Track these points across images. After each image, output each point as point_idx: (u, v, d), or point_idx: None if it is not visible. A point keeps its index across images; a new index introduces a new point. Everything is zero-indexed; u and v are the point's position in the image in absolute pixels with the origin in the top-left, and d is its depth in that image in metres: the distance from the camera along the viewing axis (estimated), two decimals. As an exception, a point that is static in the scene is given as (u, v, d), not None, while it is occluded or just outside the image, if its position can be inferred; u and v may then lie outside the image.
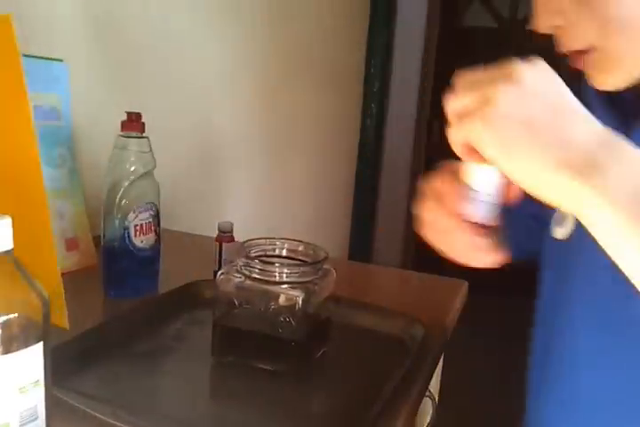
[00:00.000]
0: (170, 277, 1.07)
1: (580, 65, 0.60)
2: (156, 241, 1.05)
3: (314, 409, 0.83)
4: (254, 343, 0.86)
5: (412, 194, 2.00)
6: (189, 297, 1.02)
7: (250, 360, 0.86)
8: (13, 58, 0.76)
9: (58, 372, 0.78)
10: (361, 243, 1.86)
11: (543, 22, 0.57)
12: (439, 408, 1.06)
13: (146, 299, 0.99)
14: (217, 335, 0.87)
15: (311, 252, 0.91)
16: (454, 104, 0.51)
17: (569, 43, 0.58)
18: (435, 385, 1.19)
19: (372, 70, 1.96)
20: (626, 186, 0.45)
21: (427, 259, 0.99)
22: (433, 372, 0.93)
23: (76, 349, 0.84)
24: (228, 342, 0.87)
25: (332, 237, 1.84)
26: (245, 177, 1.65)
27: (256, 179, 1.67)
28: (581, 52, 0.58)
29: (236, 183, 1.64)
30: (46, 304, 0.58)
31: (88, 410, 0.71)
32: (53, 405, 0.62)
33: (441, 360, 1.13)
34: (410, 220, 2.57)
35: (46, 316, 0.58)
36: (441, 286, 1.19)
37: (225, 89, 1.62)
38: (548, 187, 0.47)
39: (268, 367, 0.85)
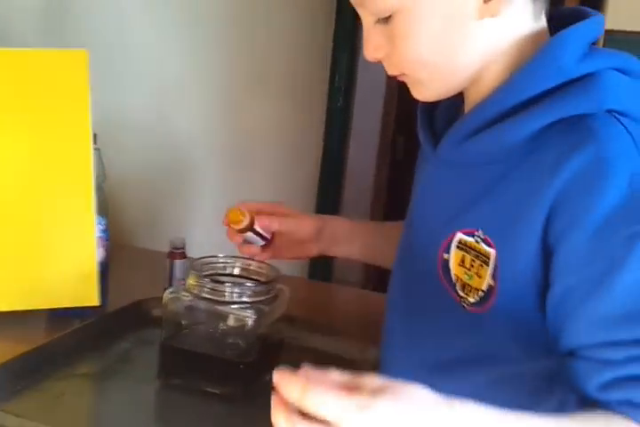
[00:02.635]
0: (120, 294, 1.04)
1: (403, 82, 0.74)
2: (105, 257, 1.02)
3: (262, 435, 0.80)
4: (202, 366, 0.83)
5: (375, 210, 1.97)
6: (137, 316, 0.98)
7: (197, 383, 0.83)
8: (82, 91, 0.94)
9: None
10: (322, 261, 1.83)
11: (369, 55, 0.70)
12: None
13: (92, 317, 0.95)
14: (163, 357, 0.84)
15: (264, 271, 0.89)
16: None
17: (388, 70, 0.71)
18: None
19: (336, 85, 1.95)
20: None
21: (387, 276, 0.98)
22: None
23: (16, 370, 0.81)
24: (175, 364, 0.84)
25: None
26: (202, 191, 1.62)
27: (214, 193, 1.63)
28: (399, 76, 0.71)
29: (192, 197, 1.61)
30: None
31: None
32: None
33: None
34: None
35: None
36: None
37: (182, 101, 1.59)
38: None
39: (215, 391, 0.82)
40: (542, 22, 0.70)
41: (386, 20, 0.67)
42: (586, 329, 0.60)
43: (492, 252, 0.66)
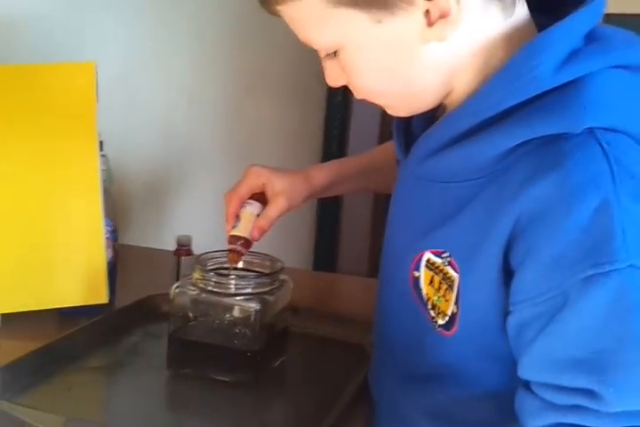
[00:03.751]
0: (128, 292, 1.06)
1: None
2: (112, 257, 1.04)
3: (271, 419, 0.83)
4: (210, 355, 0.85)
5: (377, 205, 1.99)
6: (146, 311, 1.01)
7: (206, 372, 0.85)
8: (90, 102, 1.01)
9: (10, 388, 0.77)
10: (326, 253, 1.86)
11: (330, 84, 0.70)
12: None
13: (101, 314, 0.97)
14: (172, 348, 0.86)
15: (268, 263, 0.91)
16: None
17: (354, 95, 0.70)
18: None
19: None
20: None
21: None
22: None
23: (28, 366, 0.82)
24: (184, 354, 0.86)
25: (297, 248, 1.84)
26: (206, 190, 1.64)
27: (217, 191, 1.66)
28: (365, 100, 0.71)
29: (196, 197, 1.63)
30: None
31: (37, 424, 0.69)
32: (3, 421, 0.61)
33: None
34: (375, 229, 2.59)
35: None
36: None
37: (186, 102, 1.62)
38: None
39: (224, 378, 0.84)
40: (519, 16, 0.63)
41: (334, 54, 0.66)
42: (535, 367, 0.59)
43: (456, 277, 0.63)
